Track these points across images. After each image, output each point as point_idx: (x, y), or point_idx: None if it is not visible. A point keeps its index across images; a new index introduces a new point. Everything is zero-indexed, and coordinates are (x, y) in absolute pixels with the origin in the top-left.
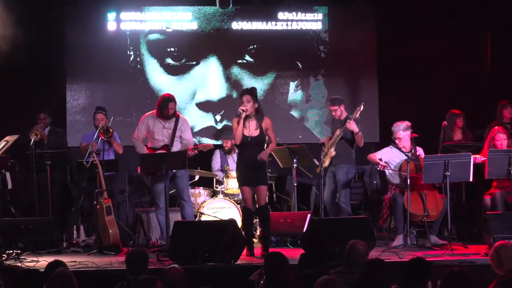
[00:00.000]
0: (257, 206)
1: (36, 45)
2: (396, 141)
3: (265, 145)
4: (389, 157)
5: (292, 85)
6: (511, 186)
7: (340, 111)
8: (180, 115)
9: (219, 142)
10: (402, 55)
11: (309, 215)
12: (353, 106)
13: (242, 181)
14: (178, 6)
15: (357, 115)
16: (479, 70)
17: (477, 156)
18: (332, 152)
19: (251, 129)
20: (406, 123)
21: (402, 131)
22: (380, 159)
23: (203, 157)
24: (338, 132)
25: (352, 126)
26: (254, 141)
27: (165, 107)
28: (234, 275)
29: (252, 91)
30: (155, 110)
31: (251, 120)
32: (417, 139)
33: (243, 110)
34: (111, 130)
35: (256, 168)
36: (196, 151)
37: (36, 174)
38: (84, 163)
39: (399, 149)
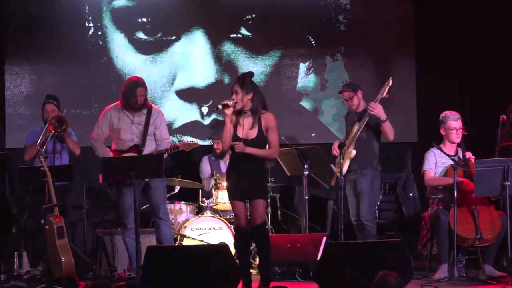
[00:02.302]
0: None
1: None
2: (452, 134)
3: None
4: (435, 164)
5: (303, 67)
6: None
7: (357, 100)
8: (153, 105)
9: (206, 143)
10: (448, 27)
11: (324, 239)
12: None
13: (233, 194)
14: None
15: (385, 94)
16: None
17: None
18: (352, 152)
19: (246, 128)
20: (456, 112)
21: (455, 120)
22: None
23: (186, 162)
24: (357, 126)
25: (377, 110)
26: (250, 145)
27: (132, 94)
28: None
29: (242, 78)
30: (119, 101)
31: (246, 116)
32: (465, 138)
33: (224, 105)
34: (65, 121)
35: (251, 178)
36: (171, 151)
37: None
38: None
39: (443, 151)
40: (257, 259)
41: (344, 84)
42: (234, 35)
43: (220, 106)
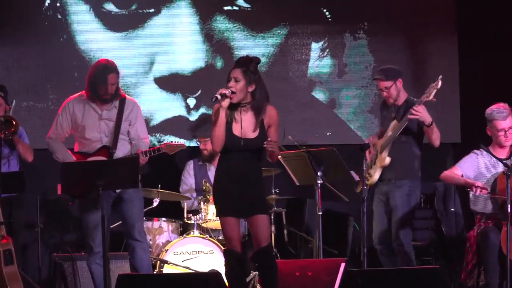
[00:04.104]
0: (254, 249)
1: None
2: (500, 136)
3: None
4: (474, 170)
5: (316, 47)
6: None
7: (396, 90)
8: (127, 96)
9: (193, 144)
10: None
11: (343, 265)
12: (418, 87)
13: (223, 208)
14: None
15: (431, 97)
16: None
17: None
18: (385, 159)
19: (246, 126)
20: (504, 107)
21: (502, 119)
22: (462, 176)
23: (168, 167)
24: (394, 125)
25: (421, 113)
26: (249, 146)
27: (101, 82)
28: None
29: (246, 63)
30: (84, 90)
31: (245, 110)
32: None
33: (222, 95)
34: (14, 123)
35: (250, 188)
36: (151, 154)
37: None
38: None
39: (491, 153)
40: None
41: (380, 69)
42: (229, 7)
43: (219, 96)
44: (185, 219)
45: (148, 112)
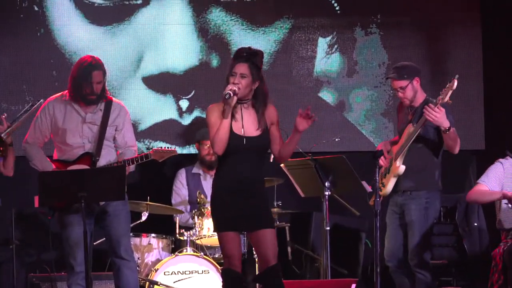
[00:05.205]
0: (257, 268)
1: None
2: None
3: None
4: (500, 182)
5: (323, 43)
6: None
7: (412, 91)
8: (114, 98)
9: (185, 151)
10: None
11: (353, 286)
12: (436, 87)
13: (223, 221)
14: None
15: (446, 98)
16: None
17: None
18: (399, 167)
19: (247, 124)
20: None
21: None
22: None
23: (158, 177)
24: (410, 129)
25: (437, 116)
26: (253, 145)
27: (86, 80)
28: None
29: (253, 57)
30: (66, 90)
31: (246, 107)
32: None
33: (233, 92)
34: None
35: (253, 197)
36: (138, 162)
37: None
38: None
39: None
40: None
41: (394, 66)
42: None
43: (231, 93)
44: (177, 235)
45: (135, 116)
